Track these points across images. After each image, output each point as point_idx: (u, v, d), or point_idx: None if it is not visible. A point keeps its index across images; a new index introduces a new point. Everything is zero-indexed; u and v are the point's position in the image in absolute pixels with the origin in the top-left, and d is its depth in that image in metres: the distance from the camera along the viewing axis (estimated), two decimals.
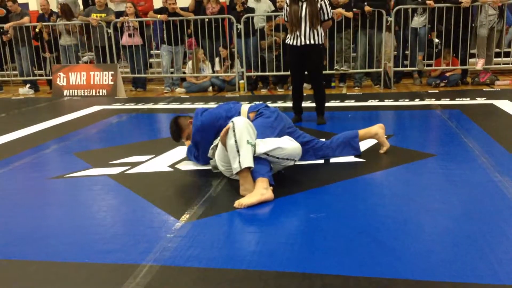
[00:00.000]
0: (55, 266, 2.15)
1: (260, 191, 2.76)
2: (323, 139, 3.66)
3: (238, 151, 2.81)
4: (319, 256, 2.11)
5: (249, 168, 2.81)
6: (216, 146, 3.21)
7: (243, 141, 2.81)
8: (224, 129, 2.89)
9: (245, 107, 3.45)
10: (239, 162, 2.80)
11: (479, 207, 2.58)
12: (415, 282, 1.87)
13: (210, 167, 3.39)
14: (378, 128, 3.67)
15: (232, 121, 2.89)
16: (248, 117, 3.32)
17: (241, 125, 2.85)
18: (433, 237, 2.26)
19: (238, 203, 2.71)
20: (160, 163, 3.66)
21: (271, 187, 2.83)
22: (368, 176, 3.19)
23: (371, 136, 3.68)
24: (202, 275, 2.00)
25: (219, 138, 3.24)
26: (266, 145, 2.93)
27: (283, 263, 2.06)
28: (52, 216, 2.76)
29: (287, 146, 2.98)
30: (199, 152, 3.44)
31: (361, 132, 3.64)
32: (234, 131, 2.83)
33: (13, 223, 2.65)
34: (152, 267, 2.07)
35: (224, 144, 2.90)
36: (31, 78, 8.54)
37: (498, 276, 1.88)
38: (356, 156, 3.58)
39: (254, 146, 2.85)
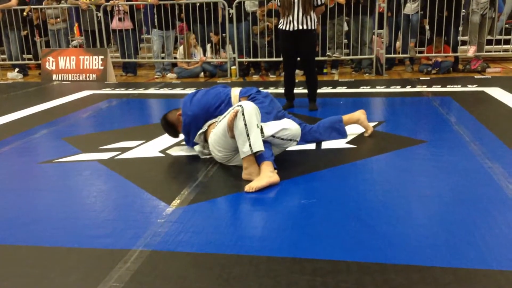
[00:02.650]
0: (45, 251, 2.13)
1: (268, 174, 2.77)
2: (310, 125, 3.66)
3: (248, 135, 2.79)
4: (310, 241, 2.11)
5: (257, 152, 2.82)
6: (204, 132, 3.20)
7: (253, 125, 2.79)
8: (232, 113, 2.84)
9: (235, 91, 3.44)
10: (249, 145, 2.78)
11: (469, 193, 2.60)
12: (405, 266, 1.88)
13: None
14: (360, 114, 3.78)
15: (241, 105, 2.85)
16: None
17: (250, 109, 2.83)
18: (423, 222, 2.27)
19: (248, 187, 2.70)
20: (150, 149, 3.64)
21: (276, 170, 2.84)
22: (359, 162, 3.19)
23: (354, 122, 3.78)
24: (193, 260, 2.00)
25: (208, 123, 3.23)
26: (271, 127, 2.96)
27: (274, 248, 2.06)
28: (41, 201, 2.73)
29: (290, 126, 3.02)
30: (189, 138, 3.45)
31: (345, 117, 3.72)
32: (243, 114, 2.80)
33: (2, 208, 2.63)
34: (142, 252, 2.07)
35: (231, 128, 2.86)
36: (20, 62, 8.42)
37: (487, 261, 1.90)
38: (347, 142, 3.58)
39: (261, 129, 2.86)
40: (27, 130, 4.37)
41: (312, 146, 3.54)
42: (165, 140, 3.83)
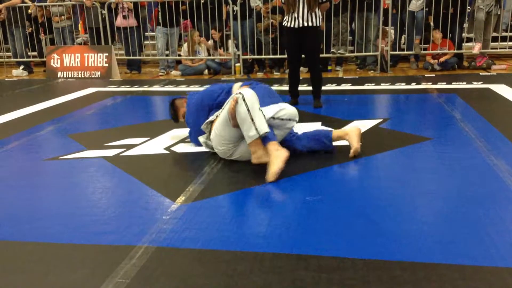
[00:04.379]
0: (51, 247, 2.14)
1: (275, 153, 2.82)
2: (297, 132, 3.34)
3: (252, 119, 2.83)
4: (315, 238, 2.11)
5: (263, 134, 2.86)
6: (211, 122, 3.18)
7: (256, 109, 2.85)
8: (232, 101, 2.87)
9: (236, 85, 3.48)
10: (256, 129, 2.83)
11: (474, 190, 2.59)
12: (411, 263, 1.88)
13: (205, 149, 3.38)
14: (350, 128, 3.27)
15: (240, 92, 2.90)
16: None
17: (250, 94, 2.89)
18: (428, 219, 2.27)
19: (270, 175, 2.76)
20: (155, 146, 3.65)
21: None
22: (364, 159, 3.18)
23: (343, 137, 3.25)
24: (198, 256, 2.01)
25: (215, 114, 3.20)
26: (270, 110, 3.03)
27: (279, 245, 2.06)
28: (47, 198, 2.74)
29: (286, 106, 3.10)
30: (193, 130, 3.50)
31: (336, 132, 3.28)
32: (244, 100, 2.85)
33: (8, 204, 2.64)
34: (148, 249, 2.07)
35: (233, 116, 2.88)
36: (25, 59, 8.44)
37: (493, 258, 1.90)
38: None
39: (262, 112, 2.91)
40: (33, 127, 4.39)
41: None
42: (170, 137, 3.84)
